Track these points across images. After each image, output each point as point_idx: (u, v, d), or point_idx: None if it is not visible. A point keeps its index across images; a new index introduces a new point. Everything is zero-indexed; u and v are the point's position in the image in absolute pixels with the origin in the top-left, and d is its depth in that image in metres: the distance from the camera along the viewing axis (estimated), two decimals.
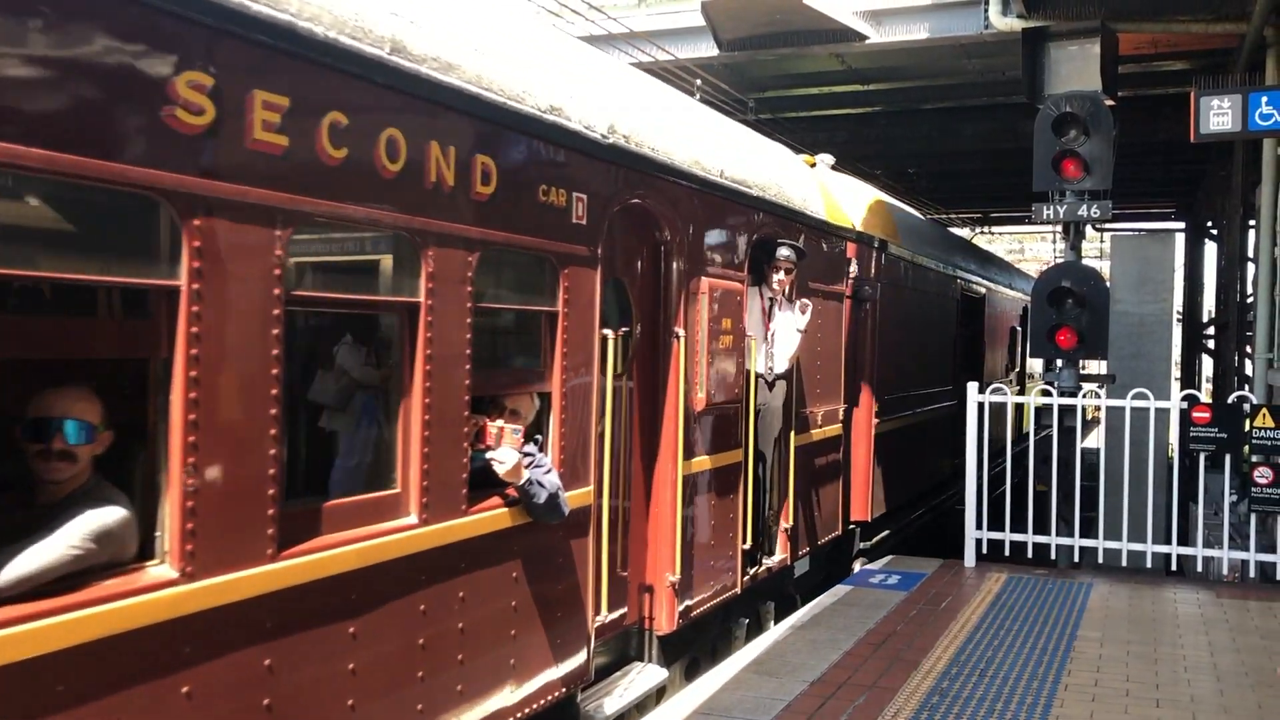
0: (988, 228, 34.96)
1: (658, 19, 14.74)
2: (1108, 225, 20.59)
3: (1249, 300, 15.48)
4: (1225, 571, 8.76)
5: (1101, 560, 8.80)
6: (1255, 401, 8.86)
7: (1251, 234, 15.23)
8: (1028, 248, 46.46)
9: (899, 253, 10.55)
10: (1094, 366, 12.87)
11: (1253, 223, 14.53)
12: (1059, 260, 14.38)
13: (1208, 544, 8.95)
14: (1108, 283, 10.53)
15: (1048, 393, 9.16)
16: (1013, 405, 9.13)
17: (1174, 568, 9.38)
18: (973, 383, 9.26)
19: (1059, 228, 10.45)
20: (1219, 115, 8.72)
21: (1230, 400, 8.76)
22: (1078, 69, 9.63)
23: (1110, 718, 5.34)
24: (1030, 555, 8.83)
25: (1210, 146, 15.95)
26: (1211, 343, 22.65)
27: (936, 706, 5.39)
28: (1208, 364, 23.21)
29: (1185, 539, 9.07)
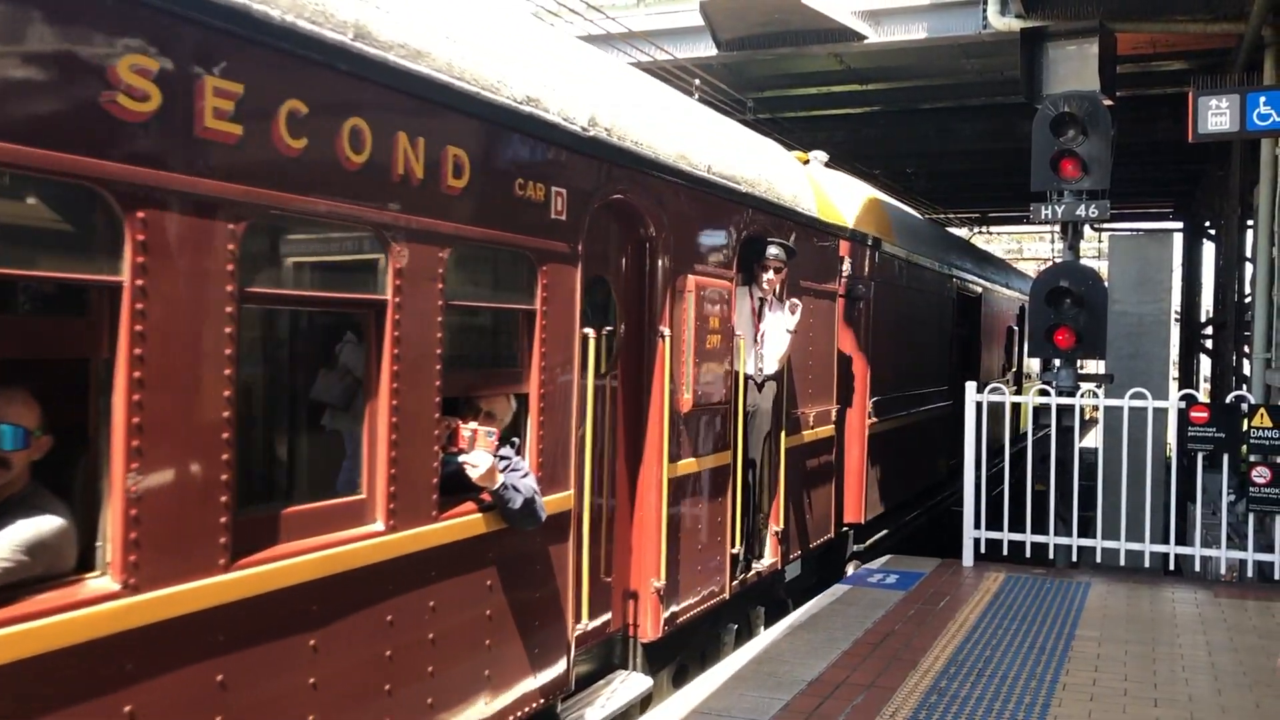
0: (986, 227, 34.91)
1: (656, 18, 14.75)
2: (1106, 225, 20.50)
3: (1247, 300, 15.44)
4: (1223, 571, 8.76)
5: (1099, 560, 8.79)
6: (1253, 401, 8.89)
7: (1249, 234, 15.19)
8: (1026, 247, 46.46)
9: (893, 251, 10.42)
10: (1092, 366, 12.78)
11: (1251, 223, 14.48)
12: (1057, 259, 14.30)
13: (1206, 544, 9.01)
14: (1106, 283, 10.49)
15: (1046, 392, 9.12)
16: (1010, 405, 9.06)
17: (1172, 567, 9.38)
18: (971, 382, 9.21)
19: (1057, 227, 10.43)
20: (1217, 115, 8.70)
21: (1228, 400, 8.77)
22: (1076, 69, 9.59)
23: (1108, 717, 5.31)
24: (1028, 555, 8.80)
25: (1208, 146, 15.92)
26: (1209, 342, 22.63)
27: (935, 706, 5.37)
28: (1206, 364, 23.17)
29: (1183, 539, 9.06)
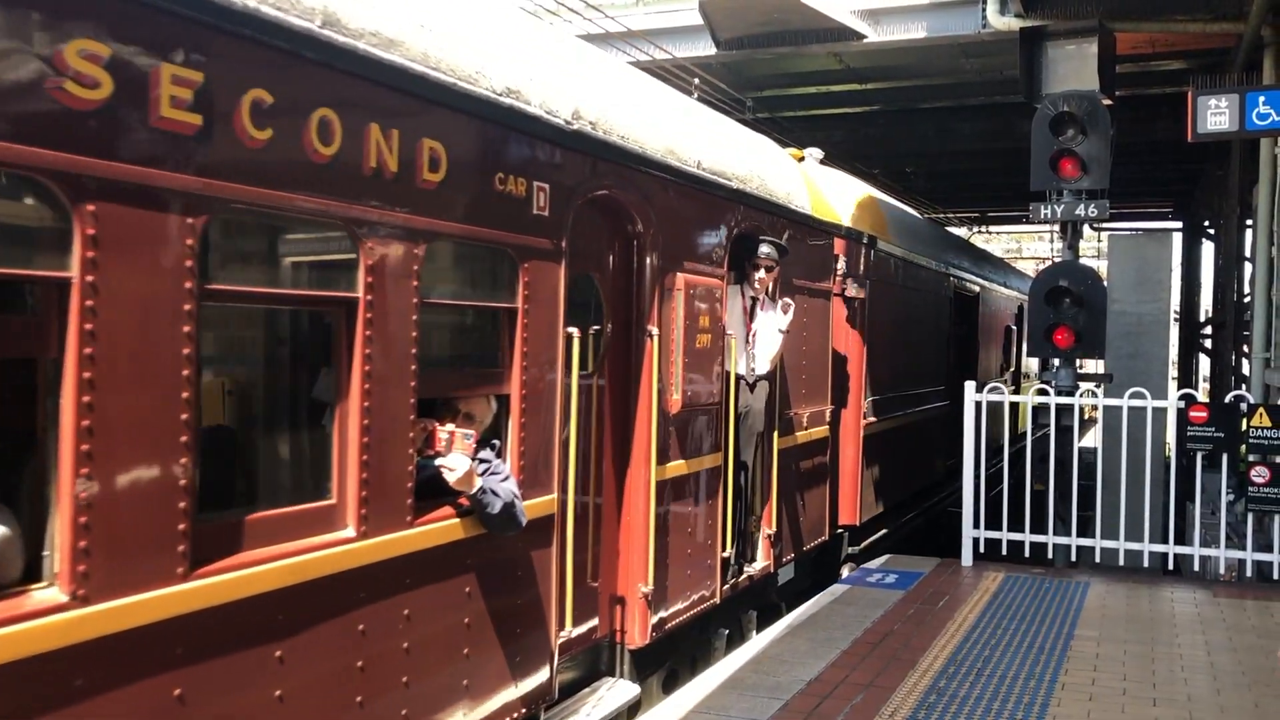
0: (985, 227, 34.81)
1: (655, 18, 14.72)
2: (1105, 225, 20.45)
3: (1246, 300, 15.37)
4: (1222, 571, 8.72)
5: (1098, 559, 8.76)
6: (1252, 401, 8.88)
7: (1248, 233, 15.11)
8: (1025, 247, 46.43)
9: (889, 249, 10.29)
10: (1091, 366, 12.70)
11: (1250, 222, 14.38)
12: (1056, 259, 14.22)
13: (1205, 543, 9.00)
14: (1105, 282, 10.42)
15: (1045, 392, 9.05)
16: (1009, 405, 8.97)
17: (1171, 567, 9.36)
18: (970, 382, 9.12)
19: (1056, 227, 10.34)
20: (1216, 115, 8.68)
21: (1227, 400, 8.71)
22: (1075, 68, 9.53)
23: (1107, 717, 5.27)
24: (1027, 554, 8.74)
25: (1207, 146, 15.86)
26: (1209, 342, 22.54)
27: (934, 706, 5.33)
28: (1205, 363, 23.08)
29: (1182, 538, 9.04)
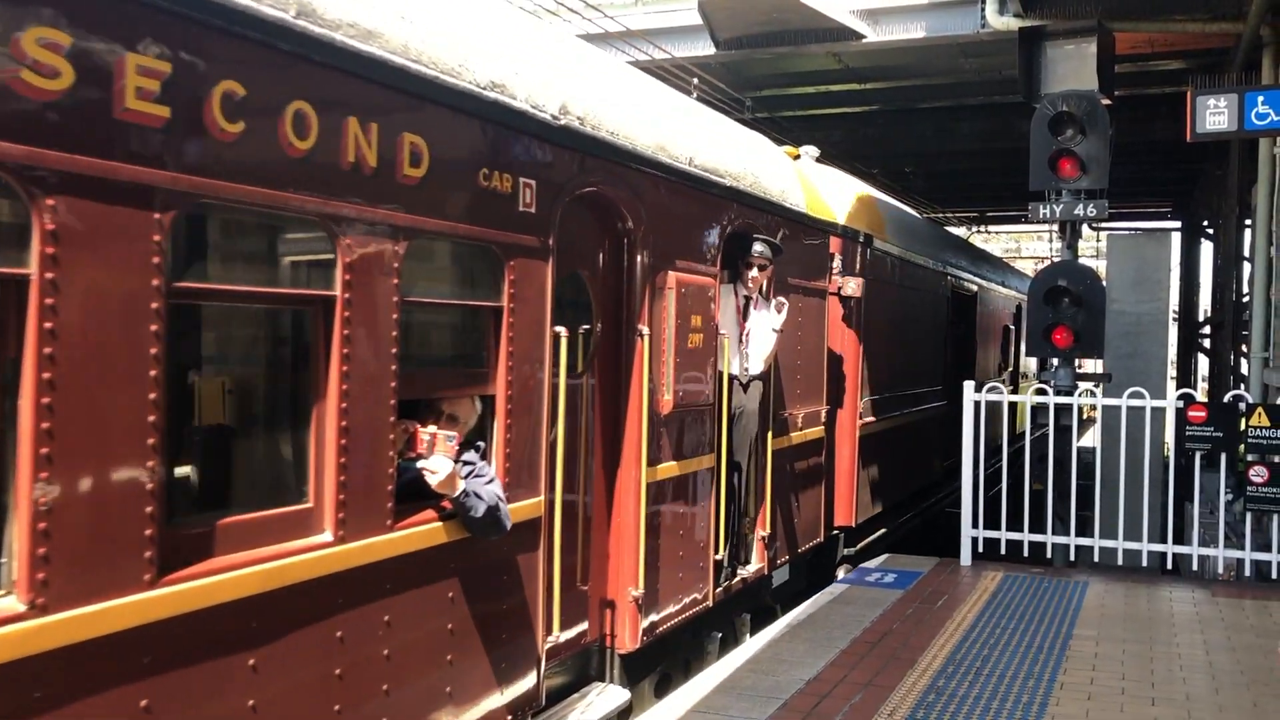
0: (985, 226, 34.75)
1: (655, 17, 14.72)
2: (1104, 224, 20.34)
3: (1245, 300, 15.32)
4: (1220, 570, 8.74)
5: (1097, 559, 8.73)
6: (1251, 400, 8.84)
7: (1247, 233, 15.06)
8: (1024, 246, 46.39)
9: (886, 248, 10.20)
10: (1090, 365, 12.62)
11: (1249, 222, 14.33)
12: (1055, 258, 14.17)
13: (1203, 543, 8.97)
14: (1104, 282, 10.35)
15: (1044, 392, 8.98)
16: (1008, 404, 8.91)
17: (1169, 566, 9.32)
18: (969, 381, 9.06)
19: (1055, 227, 10.28)
20: (1215, 114, 8.67)
21: (1226, 399, 8.65)
22: (1074, 68, 9.47)
23: (1106, 716, 5.24)
24: (1026, 554, 8.69)
25: (1206, 146, 15.82)
26: (1207, 342, 22.49)
27: (933, 705, 5.31)
28: (1204, 363, 23.02)
29: (1181, 538, 9.00)
